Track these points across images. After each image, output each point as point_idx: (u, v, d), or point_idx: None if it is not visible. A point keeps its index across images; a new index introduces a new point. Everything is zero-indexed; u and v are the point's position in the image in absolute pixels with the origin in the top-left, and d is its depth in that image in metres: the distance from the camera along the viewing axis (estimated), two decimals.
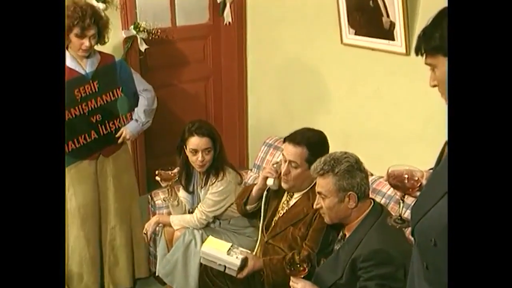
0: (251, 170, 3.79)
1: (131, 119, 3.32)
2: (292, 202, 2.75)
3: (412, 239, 1.63)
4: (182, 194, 3.31)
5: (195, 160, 3.05)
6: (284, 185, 2.69)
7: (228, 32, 4.30)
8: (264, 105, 4.28)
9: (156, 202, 3.53)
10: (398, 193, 1.66)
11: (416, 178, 1.64)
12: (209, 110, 4.50)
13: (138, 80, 3.35)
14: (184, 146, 3.08)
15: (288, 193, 2.80)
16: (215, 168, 3.09)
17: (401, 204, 1.65)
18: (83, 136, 3.06)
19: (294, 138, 2.66)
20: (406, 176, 1.62)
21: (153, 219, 3.30)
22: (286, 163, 2.65)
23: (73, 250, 3.31)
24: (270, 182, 2.78)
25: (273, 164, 2.83)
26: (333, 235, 2.50)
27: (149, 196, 3.61)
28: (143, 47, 3.83)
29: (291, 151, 2.64)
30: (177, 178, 3.13)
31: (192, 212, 3.22)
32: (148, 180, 4.04)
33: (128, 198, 3.42)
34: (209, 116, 4.47)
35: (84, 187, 3.25)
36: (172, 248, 3.15)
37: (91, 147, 3.15)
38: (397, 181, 1.64)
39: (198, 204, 3.22)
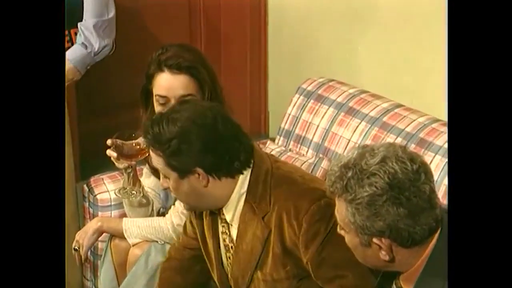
0: (273, 140, 3.07)
1: (75, 42, 2.89)
2: (233, 232, 2.26)
3: None
4: (147, 182, 2.74)
5: None
6: None
7: None
8: (297, 17, 3.68)
9: (99, 198, 2.93)
10: None
11: None
12: (196, 26, 3.79)
13: None
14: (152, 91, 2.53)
15: (219, 214, 2.24)
16: None
17: None
18: None
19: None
20: None
21: (92, 225, 2.68)
22: None
23: None
24: None
25: None
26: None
27: (85, 187, 3.02)
28: None
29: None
30: (147, 154, 2.56)
31: (164, 215, 2.68)
32: (83, 158, 3.49)
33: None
34: (195, 38, 3.76)
35: None
36: (126, 277, 2.59)
37: None
38: None
39: (175, 200, 2.66)
